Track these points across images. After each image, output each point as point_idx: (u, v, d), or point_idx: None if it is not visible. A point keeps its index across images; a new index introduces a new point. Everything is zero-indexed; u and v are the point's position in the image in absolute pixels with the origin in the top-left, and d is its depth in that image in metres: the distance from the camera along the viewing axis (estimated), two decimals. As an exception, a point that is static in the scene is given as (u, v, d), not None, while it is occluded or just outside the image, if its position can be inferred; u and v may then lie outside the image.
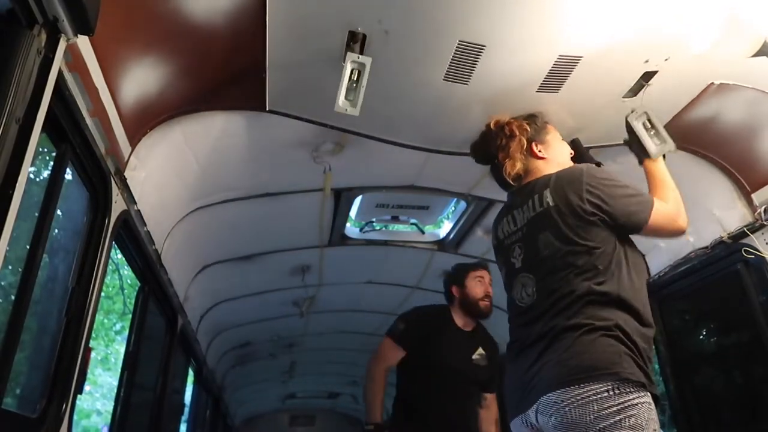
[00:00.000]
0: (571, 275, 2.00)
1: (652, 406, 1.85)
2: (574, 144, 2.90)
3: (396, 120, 2.82)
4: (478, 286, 3.44)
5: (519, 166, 2.30)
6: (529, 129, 2.37)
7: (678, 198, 2.21)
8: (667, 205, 2.15)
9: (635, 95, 2.55)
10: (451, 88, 2.48)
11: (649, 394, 1.86)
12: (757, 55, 2.29)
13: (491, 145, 2.39)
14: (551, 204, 2.10)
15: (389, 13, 2.13)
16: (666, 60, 2.37)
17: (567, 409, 1.80)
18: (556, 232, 2.07)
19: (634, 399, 1.80)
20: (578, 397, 1.79)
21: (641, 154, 2.41)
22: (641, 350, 1.91)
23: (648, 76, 2.47)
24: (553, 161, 2.34)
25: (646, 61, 2.39)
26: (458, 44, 2.23)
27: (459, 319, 3.49)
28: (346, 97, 2.30)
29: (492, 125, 2.41)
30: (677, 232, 2.17)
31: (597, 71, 2.44)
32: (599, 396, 1.78)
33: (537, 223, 2.15)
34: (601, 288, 1.96)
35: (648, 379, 1.87)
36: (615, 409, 1.76)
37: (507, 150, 2.32)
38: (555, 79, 2.45)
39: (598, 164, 2.74)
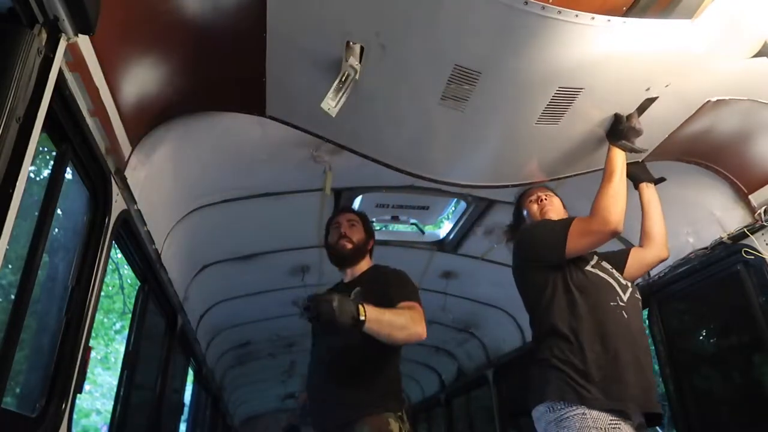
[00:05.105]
0: (533, 314, 2.53)
1: (587, 414, 2.14)
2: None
3: (385, 140, 2.78)
4: (333, 233, 3.00)
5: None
6: None
7: (614, 191, 2.41)
8: (585, 221, 2.44)
9: None
10: (444, 112, 2.43)
11: (583, 406, 2.16)
12: (757, 56, 2.29)
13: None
14: (513, 261, 2.68)
15: (387, 28, 2.07)
16: (666, 86, 2.36)
17: (535, 422, 2.34)
18: (518, 282, 2.65)
19: (565, 414, 2.18)
20: (535, 415, 2.33)
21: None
22: (578, 370, 2.23)
23: (648, 102, 2.45)
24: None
25: (648, 89, 2.37)
26: (454, 68, 2.16)
27: (345, 277, 3.01)
28: (332, 98, 2.18)
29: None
30: (602, 236, 2.39)
31: (597, 102, 2.41)
32: (542, 414, 2.28)
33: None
34: (544, 323, 2.40)
35: (578, 394, 2.19)
36: (553, 422, 2.22)
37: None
38: (555, 110, 2.40)
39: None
